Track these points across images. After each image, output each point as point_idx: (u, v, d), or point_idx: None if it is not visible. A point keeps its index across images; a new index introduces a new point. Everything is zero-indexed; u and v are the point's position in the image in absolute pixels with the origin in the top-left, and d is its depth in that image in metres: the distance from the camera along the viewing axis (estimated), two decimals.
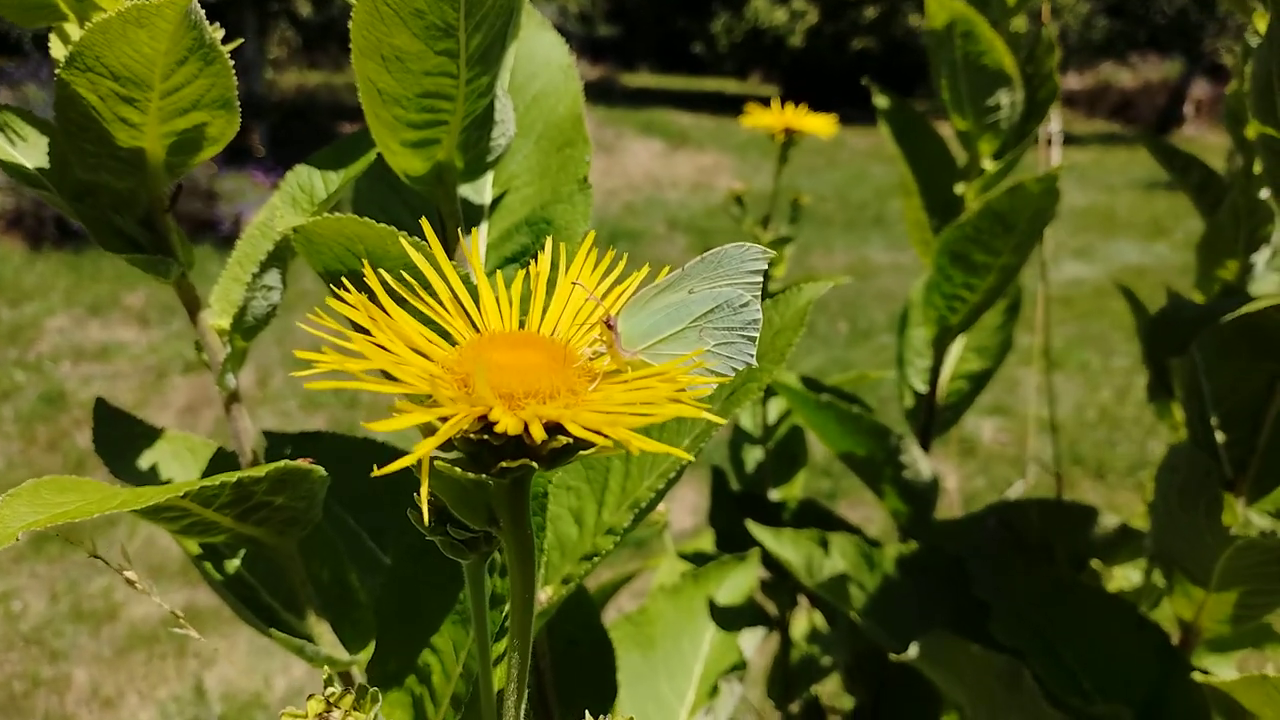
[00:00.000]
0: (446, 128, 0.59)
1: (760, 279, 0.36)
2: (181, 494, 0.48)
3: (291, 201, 0.61)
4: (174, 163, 0.54)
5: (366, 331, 0.34)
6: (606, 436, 0.29)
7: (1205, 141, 8.60)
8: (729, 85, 14.29)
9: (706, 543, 1.43)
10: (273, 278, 0.56)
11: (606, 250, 0.40)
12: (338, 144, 0.66)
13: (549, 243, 0.39)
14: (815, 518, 1.33)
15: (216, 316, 0.58)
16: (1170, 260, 5.58)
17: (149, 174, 0.53)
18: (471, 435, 0.32)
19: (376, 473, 0.29)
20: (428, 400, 0.33)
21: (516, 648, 0.39)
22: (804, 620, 1.50)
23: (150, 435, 0.69)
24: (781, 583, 1.35)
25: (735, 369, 0.36)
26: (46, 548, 3.07)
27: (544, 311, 0.38)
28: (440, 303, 0.38)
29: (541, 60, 0.79)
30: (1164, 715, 0.96)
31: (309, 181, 0.60)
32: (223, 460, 0.69)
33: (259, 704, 2.58)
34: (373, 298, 0.36)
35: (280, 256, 0.56)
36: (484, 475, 0.33)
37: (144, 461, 0.67)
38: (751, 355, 0.36)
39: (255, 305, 0.56)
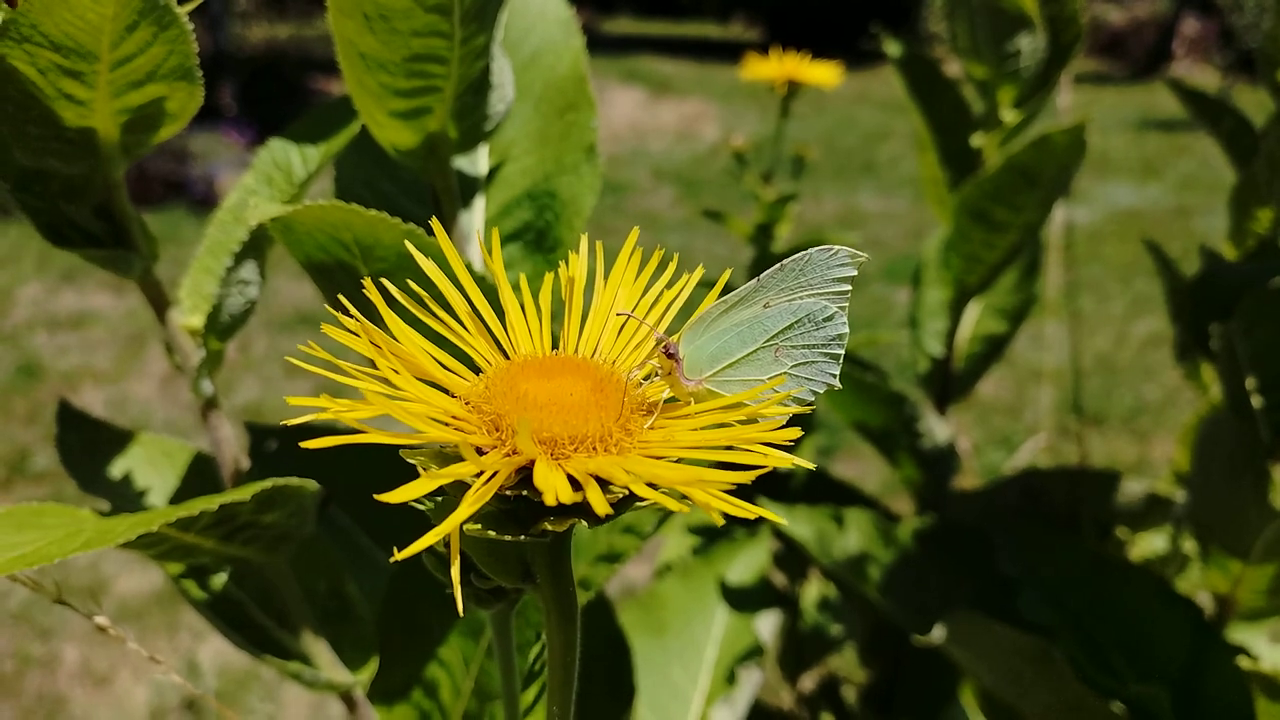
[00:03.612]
0: (439, 95, 0.52)
1: (848, 287, 0.30)
2: (155, 526, 0.42)
3: (267, 181, 0.55)
4: (130, 143, 0.47)
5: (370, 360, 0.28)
6: (683, 498, 0.24)
7: (1194, 80, 8.52)
8: (711, 30, 14.03)
9: None
10: (249, 271, 0.49)
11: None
12: (316, 113, 0.59)
13: (583, 242, 0.33)
14: (825, 489, 1.28)
15: (188, 314, 0.52)
16: (1164, 203, 5.52)
17: (102, 157, 0.46)
18: (508, 491, 0.26)
19: (396, 556, 0.23)
20: (451, 447, 0.27)
21: (557, 716, 0.34)
22: (814, 588, 1.46)
23: (120, 440, 0.62)
24: (792, 554, 1.30)
25: (816, 392, 0.30)
26: None
27: (582, 324, 0.31)
28: (454, 314, 0.31)
29: (537, 12, 0.72)
30: (1200, 694, 0.92)
31: (286, 159, 0.53)
32: (202, 466, 0.63)
33: (255, 677, 2.55)
34: (371, 308, 0.30)
35: (257, 246, 0.49)
36: (522, 536, 0.27)
37: (115, 470, 0.61)
38: (834, 375, 0.30)
39: (231, 303, 0.49)
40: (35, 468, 3.09)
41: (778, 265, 0.30)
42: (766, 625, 1.06)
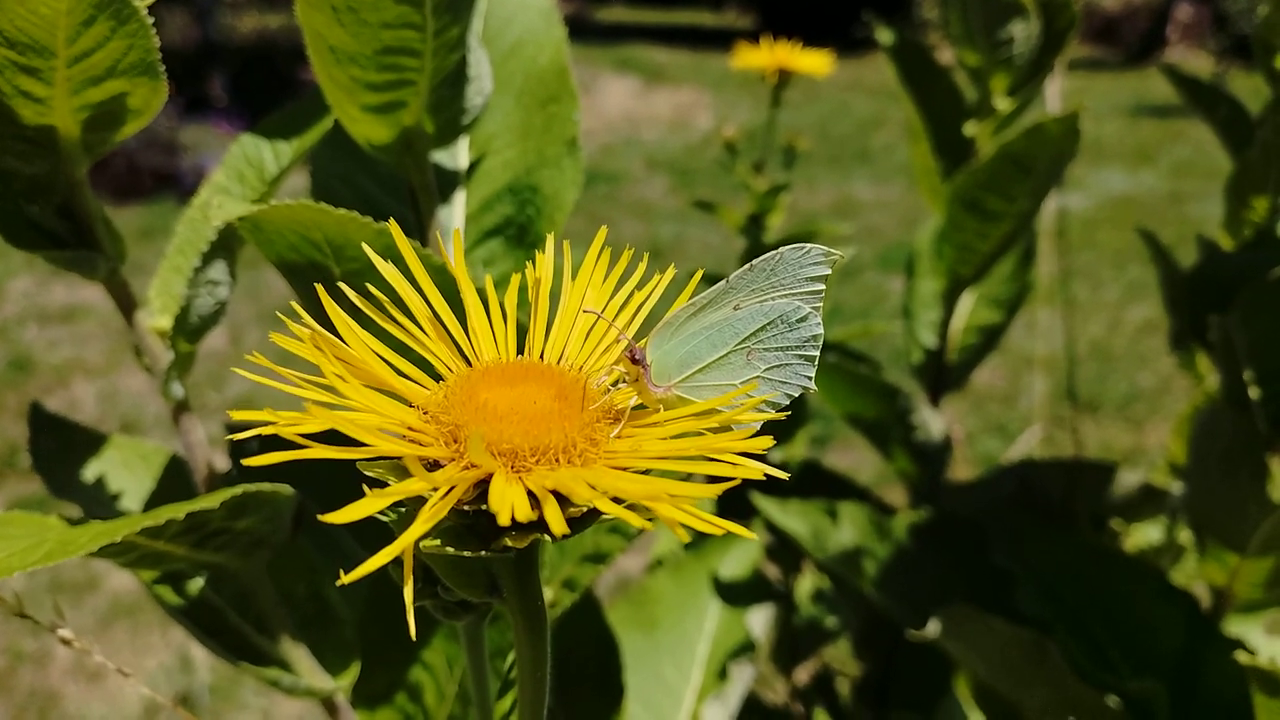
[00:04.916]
0: (413, 88, 0.51)
1: (822, 287, 0.29)
2: (119, 537, 0.40)
3: (239, 178, 0.53)
4: (92, 140, 0.45)
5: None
6: (648, 511, 0.22)
7: (1188, 65, 8.50)
8: (705, 18, 13.99)
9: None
10: (218, 271, 0.48)
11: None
12: (290, 109, 0.57)
13: (549, 243, 0.31)
14: (819, 481, 1.27)
15: (156, 315, 0.50)
16: (1157, 189, 5.50)
17: (63, 156, 0.45)
18: (466, 507, 0.25)
19: (344, 579, 0.22)
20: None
21: None
22: (808, 580, 1.45)
23: (94, 443, 0.61)
24: (785, 546, 1.29)
25: (790, 395, 0.29)
26: None
27: (548, 329, 0.30)
28: (416, 320, 0.30)
29: (518, 3, 0.70)
30: (1197, 688, 0.91)
31: (258, 155, 0.52)
32: (179, 469, 0.61)
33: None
34: (327, 315, 0.29)
35: (226, 245, 0.48)
36: (483, 552, 0.26)
37: (89, 474, 0.60)
38: (809, 378, 0.28)
39: (200, 304, 0.48)
40: (26, 462, 3.07)
41: (747, 265, 0.29)
42: (759, 620, 1.05)
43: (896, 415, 1.13)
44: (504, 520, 0.21)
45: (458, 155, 0.63)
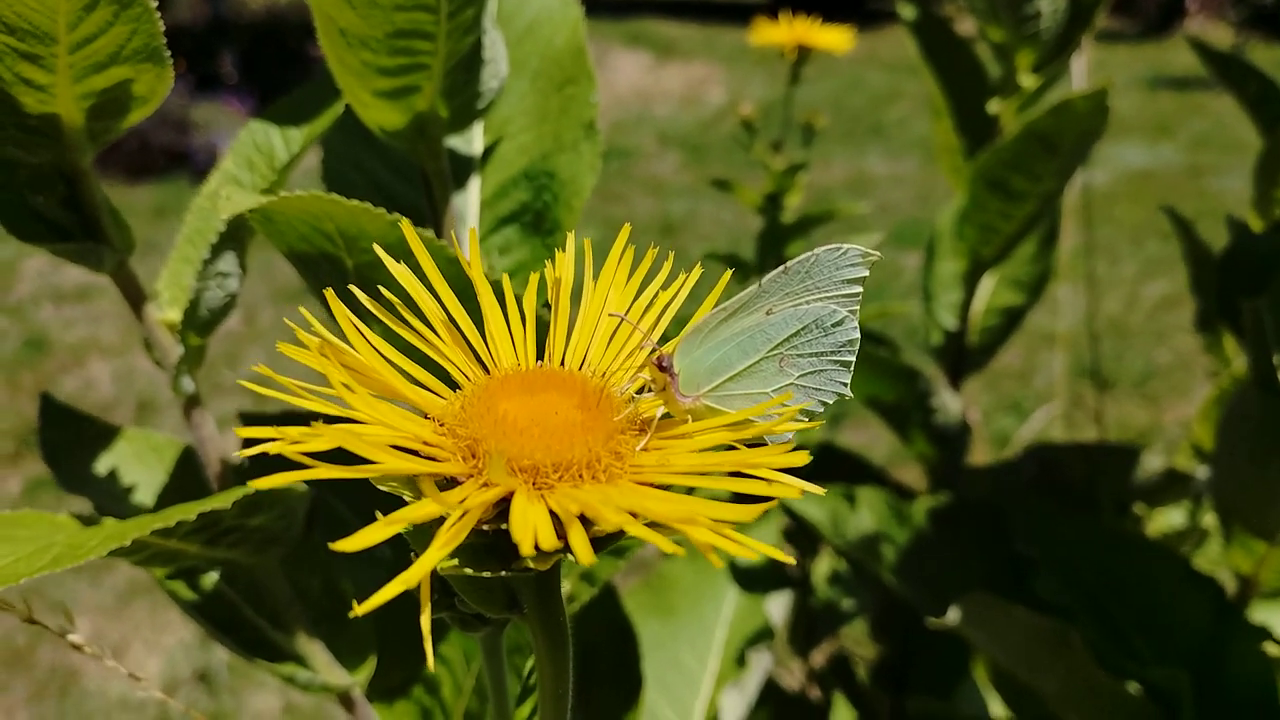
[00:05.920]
0: (427, 73, 0.49)
1: (859, 289, 0.27)
2: (128, 540, 0.39)
3: (248, 165, 0.52)
4: (96, 129, 0.44)
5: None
6: (676, 533, 0.21)
7: (1208, 37, 8.34)
8: None
9: None
10: (228, 262, 0.47)
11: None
12: (300, 93, 0.56)
13: (570, 238, 0.30)
14: (837, 464, 1.26)
15: (166, 307, 0.49)
16: (1176, 163, 5.42)
17: (67, 145, 0.43)
18: (484, 526, 0.24)
19: (357, 610, 0.20)
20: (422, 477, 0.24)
21: None
22: (825, 563, 1.44)
23: (106, 436, 0.60)
24: (803, 530, 1.28)
25: (825, 403, 0.27)
26: (40, 495, 3.01)
27: (569, 332, 0.29)
28: (429, 322, 0.29)
29: None
30: (1221, 676, 0.90)
31: (267, 142, 0.51)
32: (192, 461, 0.60)
33: None
34: (355, 304, 0.27)
35: (236, 236, 0.47)
36: (503, 572, 0.24)
37: (100, 467, 0.59)
38: (845, 384, 0.27)
39: (209, 296, 0.47)
40: None
41: (781, 268, 0.28)
42: (777, 606, 1.04)
43: (916, 398, 1.11)
44: (526, 550, 0.20)
45: (472, 140, 0.62)
